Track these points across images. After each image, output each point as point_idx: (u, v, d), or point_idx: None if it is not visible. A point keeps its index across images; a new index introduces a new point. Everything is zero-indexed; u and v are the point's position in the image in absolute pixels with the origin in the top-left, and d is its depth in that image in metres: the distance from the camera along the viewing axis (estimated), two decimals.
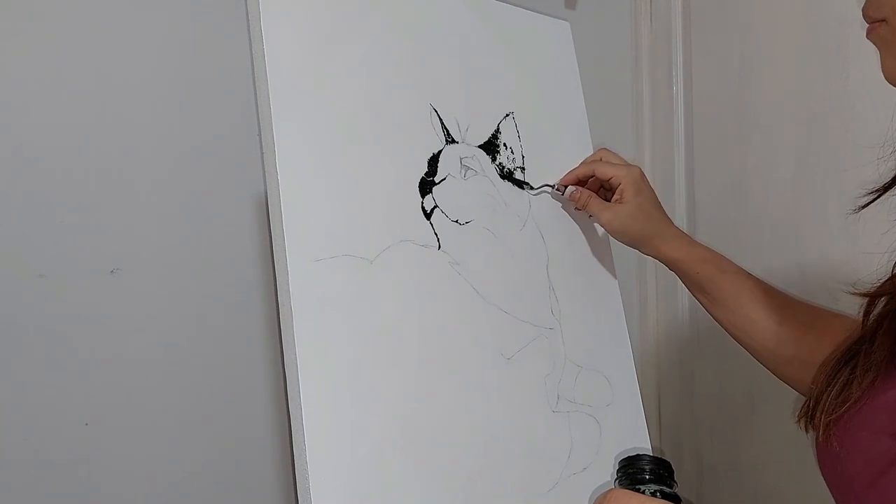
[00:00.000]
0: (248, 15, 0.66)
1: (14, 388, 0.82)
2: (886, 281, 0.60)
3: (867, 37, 0.57)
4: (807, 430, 0.63)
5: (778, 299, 0.78)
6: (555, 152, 0.90)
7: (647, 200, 0.83)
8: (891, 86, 0.57)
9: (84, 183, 0.85)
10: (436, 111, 0.77)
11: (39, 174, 0.83)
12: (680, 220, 1.25)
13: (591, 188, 0.86)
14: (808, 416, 0.62)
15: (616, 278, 0.92)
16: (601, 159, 0.87)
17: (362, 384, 0.65)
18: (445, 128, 0.78)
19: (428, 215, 0.74)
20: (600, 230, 0.89)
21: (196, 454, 0.92)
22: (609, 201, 0.84)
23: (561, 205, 0.89)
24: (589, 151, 0.94)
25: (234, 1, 0.86)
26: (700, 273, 0.81)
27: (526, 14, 0.91)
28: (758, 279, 0.80)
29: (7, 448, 0.82)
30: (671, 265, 0.83)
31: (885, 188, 0.62)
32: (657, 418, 1.31)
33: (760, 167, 1.12)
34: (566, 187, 0.85)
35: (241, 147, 0.90)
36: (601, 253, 0.92)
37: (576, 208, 0.86)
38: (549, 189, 0.85)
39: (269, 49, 0.65)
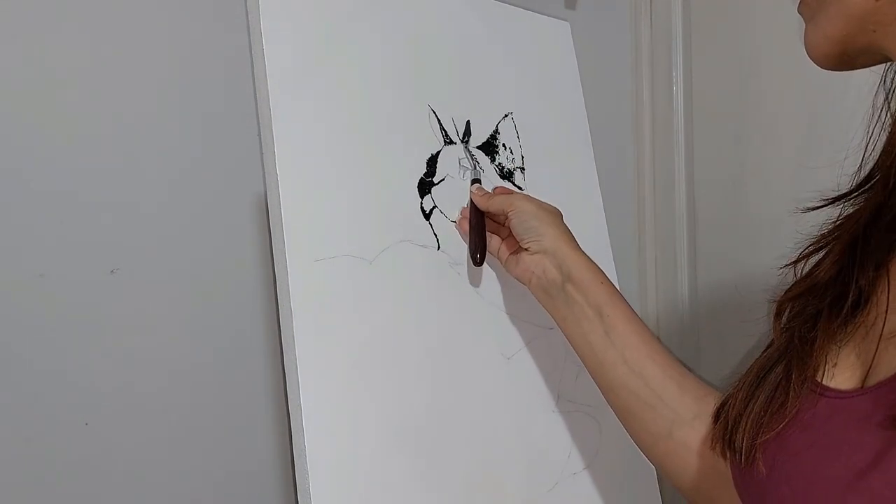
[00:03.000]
0: (247, 15, 0.66)
1: (14, 388, 0.82)
2: (793, 286, 0.56)
3: (798, 10, 0.52)
4: (723, 456, 0.57)
5: (674, 357, 0.68)
6: (555, 152, 0.90)
7: (559, 215, 0.76)
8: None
9: (84, 183, 0.85)
10: (434, 112, 0.77)
11: (40, 174, 0.83)
12: (680, 219, 1.25)
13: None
14: (727, 440, 0.55)
15: (616, 277, 0.92)
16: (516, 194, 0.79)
17: (362, 384, 0.66)
18: (444, 129, 0.78)
19: (427, 216, 0.74)
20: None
21: (196, 454, 0.92)
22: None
23: (562, 206, 0.89)
24: (589, 151, 0.94)
25: (234, 1, 0.86)
26: (604, 284, 0.69)
27: (526, 14, 0.91)
28: None
29: (7, 448, 0.82)
30: (570, 265, 0.70)
31: (838, 198, 0.58)
32: None
33: (760, 167, 1.12)
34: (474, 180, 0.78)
35: (241, 147, 0.90)
36: (600, 251, 0.92)
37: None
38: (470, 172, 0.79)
39: (269, 49, 0.65)
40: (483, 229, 0.75)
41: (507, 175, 0.83)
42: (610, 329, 0.67)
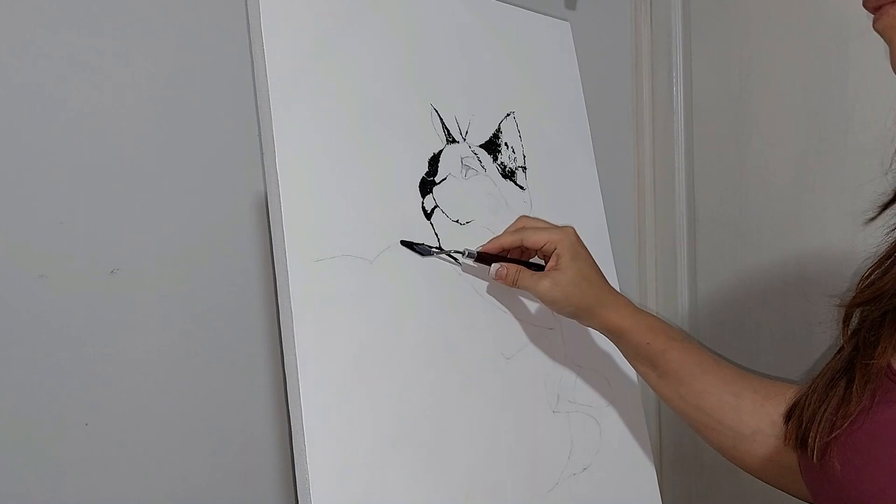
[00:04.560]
0: (248, 15, 0.66)
1: (14, 388, 0.82)
2: (859, 292, 0.59)
3: (875, 26, 0.52)
4: (796, 452, 0.61)
5: (731, 370, 0.72)
6: (556, 152, 0.90)
7: (586, 265, 0.74)
8: (889, 89, 0.57)
9: (84, 183, 0.85)
10: (436, 111, 0.77)
11: (39, 174, 0.83)
12: (680, 219, 1.25)
13: (514, 257, 0.77)
14: (800, 438, 0.59)
15: (616, 277, 0.92)
16: (524, 227, 0.77)
17: (362, 384, 0.65)
18: (446, 127, 0.78)
19: (428, 215, 0.74)
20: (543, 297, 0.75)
21: (196, 454, 0.92)
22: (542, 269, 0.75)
23: (563, 205, 0.89)
24: (589, 151, 0.94)
25: (234, 1, 0.86)
26: (651, 344, 0.72)
27: (526, 14, 0.91)
28: (705, 349, 0.75)
29: (7, 448, 0.82)
30: (617, 335, 0.74)
31: (887, 204, 0.60)
32: (657, 418, 1.31)
33: (760, 167, 1.12)
34: (478, 253, 0.74)
35: (241, 147, 0.90)
36: (601, 253, 0.92)
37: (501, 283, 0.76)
38: (459, 255, 0.74)
39: (269, 49, 0.65)
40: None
41: (508, 174, 0.83)
42: (663, 373, 0.73)
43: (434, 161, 0.76)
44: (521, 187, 0.84)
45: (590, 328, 0.77)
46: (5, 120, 0.81)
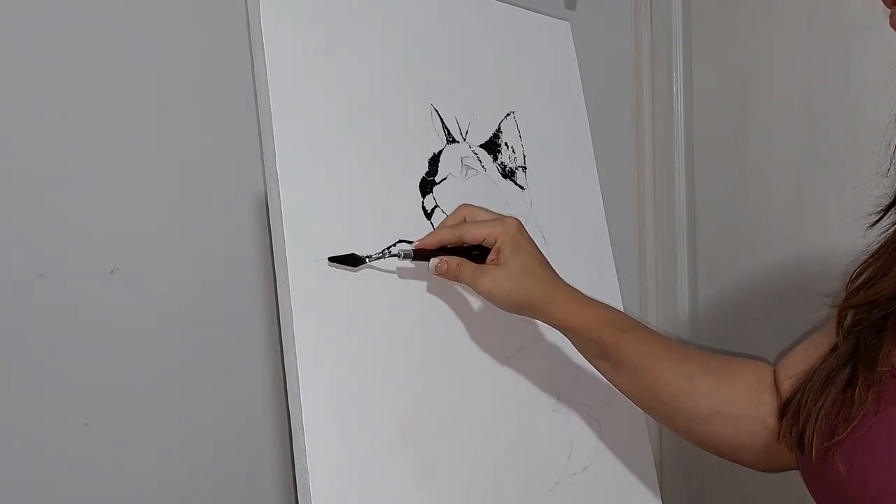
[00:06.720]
0: (248, 15, 0.66)
1: (14, 388, 0.82)
2: (852, 293, 0.59)
3: (892, 22, 0.52)
4: (792, 451, 0.60)
5: (682, 353, 0.71)
6: (555, 152, 0.90)
7: (528, 258, 0.69)
8: (890, 89, 0.56)
9: (84, 183, 0.85)
10: (436, 111, 0.77)
11: (40, 174, 0.83)
12: (680, 220, 1.25)
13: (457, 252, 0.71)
14: (797, 437, 0.59)
15: (616, 277, 0.92)
16: (465, 219, 0.72)
17: (362, 384, 0.66)
18: (446, 127, 0.78)
19: (428, 215, 0.74)
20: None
21: (196, 454, 0.92)
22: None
23: (563, 205, 0.89)
24: (589, 151, 0.94)
25: (234, 1, 0.86)
26: (601, 337, 0.69)
27: (526, 14, 0.91)
28: (658, 333, 0.73)
29: (7, 448, 0.82)
30: (566, 331, 0.71)
31: (888, 208, 0.60)
32: None
33: (760, 167, 1.12)
34: (414, 252, 0.69)
35: (241, 147, 0.90)
36: (601, 252, 0.92)
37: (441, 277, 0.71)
38: (396, 258, 0.69)
39: (269, 49, 0.65)
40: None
41: (509, 174, 0.83)
42: (616, 365, 0.71)
43: (434, 161, 0.76)
44: (521, 187, 0.84)
45: None
46: (5, 120, 0.81)
